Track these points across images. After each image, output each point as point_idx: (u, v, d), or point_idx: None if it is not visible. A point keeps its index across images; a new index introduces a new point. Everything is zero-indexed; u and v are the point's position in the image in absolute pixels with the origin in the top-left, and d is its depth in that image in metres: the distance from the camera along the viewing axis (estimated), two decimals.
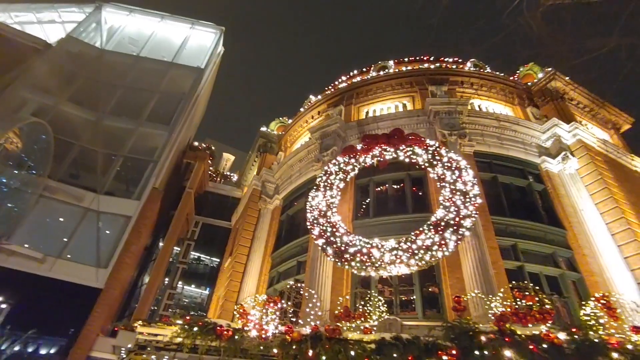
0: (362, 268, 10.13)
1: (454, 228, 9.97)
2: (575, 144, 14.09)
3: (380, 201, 13.73)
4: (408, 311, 10.90)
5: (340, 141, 15.52)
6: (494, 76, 17.36)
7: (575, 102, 16.96)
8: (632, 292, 10.17)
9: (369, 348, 5.65)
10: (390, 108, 17.17)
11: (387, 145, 13.13)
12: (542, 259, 11.59)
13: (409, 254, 9.78)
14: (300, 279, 13.29)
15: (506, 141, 14.36)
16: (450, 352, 5.49)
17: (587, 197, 12.72)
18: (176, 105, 20.02)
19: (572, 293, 10.85)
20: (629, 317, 7.38)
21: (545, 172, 13.78)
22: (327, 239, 11.35)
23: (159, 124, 19.08)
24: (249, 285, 14.94)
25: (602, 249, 11.36)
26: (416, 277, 10.92)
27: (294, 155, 17.84)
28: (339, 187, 12.98)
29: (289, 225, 16.44)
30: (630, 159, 15.64)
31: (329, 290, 11.54)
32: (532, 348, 5.48)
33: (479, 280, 10.00)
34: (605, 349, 5.52)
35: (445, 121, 14.17)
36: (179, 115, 19.46)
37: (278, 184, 18.40)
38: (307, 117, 20.02)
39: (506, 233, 11.78)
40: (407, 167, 13.30)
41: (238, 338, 5.95)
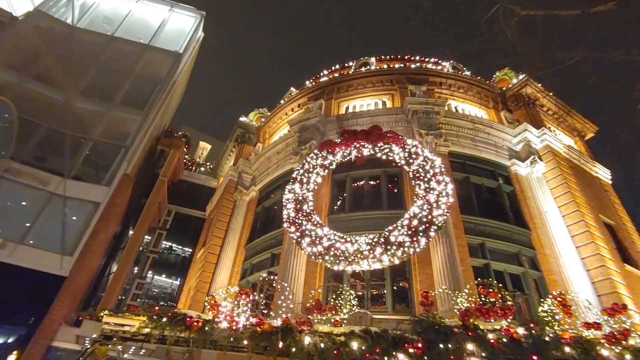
0: (335, 262, 10.27)
1: (426, 225, 10.24)
2: (543, 148, 14.74)
3: (356, 197, 13.90)
4: (378, 305, 11.16)
5: (319, 135, 15.54)
6: (471, 79, 17.82)
7: (546, 108, 17.69)
8: (586, 291, 10.84)
9: (339, 340, 5.77)
10: (370, 105, 17.31)
11: (366, 142, 13.27)
12: (507, 257, 12.11)
13: (382, 249, 9.99)
14: (274, 271, 13.31)
15: (479, 143, 14.83)
16: (417, 345, 5.69)
17: (551, 200, 13.37)
18: (151, 90, 19.35)
19: (532, 290, 11.41)
20: (582, 314, 7.87)
21: (514, 174, 14.35)
22: (302, 232, 11.40)
23: (132, 108, 18.39)
24: (222, 277, 14.81)
25: (562, 250, 12.00)
26: (388, 272, 11.17)
27: (272, 147, 17.71)
28: (316, 181, 13.03)
29: (264, 217, 16.37)
30: (592, 165, 16.53)
31: (302, 283, 11.64)
32: (493, 342, 5.77)
33: (447, 276, 10.35)
34: (559, 343, 5.89)
35: (422, 120, 14.45)
36: (154, 100, 18.84)
37: (255, 176, 18.24)
38: (287, 109, 19.89)
39: (475, 232, 12.21)
40: (384, 164, 13.49)
41: (208, 329, 5.92)
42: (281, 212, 12.53)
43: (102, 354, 6.17)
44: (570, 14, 4.43)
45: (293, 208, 12.26)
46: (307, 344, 5.67)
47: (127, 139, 17.37)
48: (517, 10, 4.64)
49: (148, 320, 6.32)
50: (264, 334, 5.79)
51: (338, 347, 5.68)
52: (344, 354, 5.64)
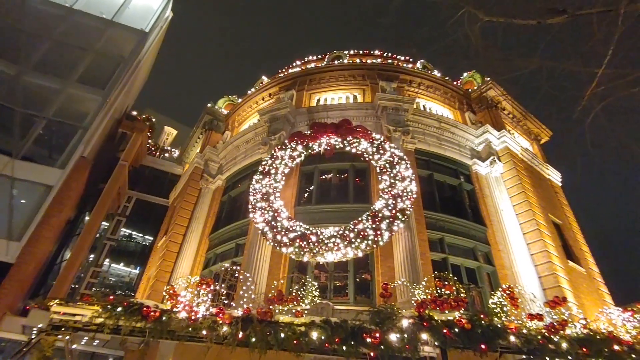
0: (300, 253, 10.34)
1: (390, 220, 10.53)
2: (503, 150, 15.50)
3: (323, 189, 13.98)
4: (341, 296, 11.37)
5: (289, 126, 15.44)
6: (439, 79, 18.33)
7: (507, 111, 18.57)
8: (533, 285, 11.63)
9: (299, 330, 5.83)
10: (341, 98, 17.39)
11: (335, 135, 13.37)
12: (464, 252, 12.70)
13: (347, 242, 10.17)
14: (238, 261, 13.19)
15: (444, 142, 15.34)
16: (374, 335, 5.87)
17: (507, 199, 14.13)
18: (113, 69, 18.31)
19: (486, 284, 12.07)
20: (527, 306, 8.46)
21: (475, 173, 15.00)
22: (268, 223, 11.36)
23: (91, 87, 17.31)
24: (183, 266, 14.47)
25: (514, 246, 12.75)
26: (351, 265, 11.39)
27: (240, 136, 17.39)
28: (284, 173, 13.01)
29: (230, 206, 16.11)
30: (545, 167, 17.61)
31: (266, 274, 11.62)
32: (445, 332, 6.07)
33: (407, 269, 10.72)
34: (505, 333, 6.30)
35: (391, 117, 14.73)
36: (116, 80, 17.85)
37: (222, 164, 17.87)
38: (257, 98, 19.55)
39: (436, 227, 12.69)
40: (352, 158, 13.66)
41: (166, 319, 5.78)
42: (248, 202, 12.41)
43: (49, 345, 5.86)
44: (528, 23, 4.69)
45: (260, 198, 12.17)
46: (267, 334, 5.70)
47: (85, 119, 16.39)
48: (480, 16, 4.84)
49: (101, 309, 6.07)
50: (224, 324, 5.75)
51: (298, 337, 5.75)
52: (303, 343, 5.73)
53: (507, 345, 6.32)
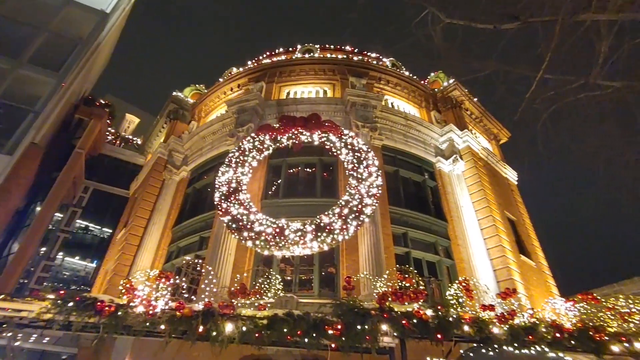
0: (266, 247, 10.26)
1: (356, 214, 10.68)
2: (465, 149, 16.15)
3: (291, 183, 13.96)
4: (306, 290, 11.46)
5: (257, 118, 15.22)
6: (407, 78, 18.74)
7: (470, 112, 19.33)
8: (488, 277, 12.28)
9: (261, 324, 5.82)
10: (311, 92, 17.35)
11: (304, 129, 13.32)
12: (426, 246, 13.17)
13: (313, 235, 10.22)
14: (202, 255, 12.92)
15: (410, 139, 15.75)
16: (336, 327, 5.96)
17: (467, 196, 14.76)
18: (70, 51, 17.16)
19: (445, 277, 12.60)
20: (481, 298, 8.93)
21: (438, 171, 15.54)
22: (234, 216, 11.17)
23: (45, 68, 16.16)
24: (144, 260, 13.97)
25: (472, 241, 13.38)
26: (316, 258, 11.50)
27: (207, 127, 16.95)
28: (251, 165, 12.80)
29: (195, 199, 15.71)
30: (503, 167, 18.55)
31: (231, 267, 11.48)
32: (404, 323, 6.28)
33: (371, 263, 10.97)
34: (460, 323, 6.61)
35: (360, 113, 14.90)
36: (72, 62, 16.74)
37: (187, 155, 17.34)
38: (225, 88, 19.09)
39: (400, 222, 13.05)
40: (320, 152, 13.71)
41: (122, 314, 5.56)
42: (213, 195, 12.14)
43: None
44: (485, 27, 4.91)
45: (226, 191, 11.93)
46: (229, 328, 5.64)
47: (37, 103, 15.27)
48: (442, 17, 5.00)
49: (51, 305, 5.74)
50: (184, 318, 5.62)
51: (260, 330, 5.73)
52: (265, 336, 5.72)
53: (461, 335, 6.64)
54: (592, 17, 4.33)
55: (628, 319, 7.76)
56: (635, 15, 4.18)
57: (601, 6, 4.26)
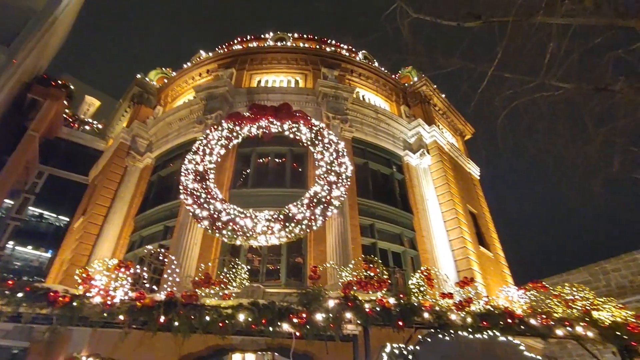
0: (233, 237, 10.14)
1: (325, 205, 10.77)
2: (432, 144, 16.62)
3: (260, 173, 13.83)
4: (273, 279, 11.48)
5: (227, 106, 14.88)
6: (379, 71, 18.94)
7: (437, 107, 19.88)
8: (449, 267, 12.83)
9: (226, 313, 5.78)
10: (283, 82, 17.15)
11: (274, 118, 13.17)
12: (392, 237, 13.53)
13: (281, 226, 10.21)
14: (166, 244, 12.59)
15: (380, 132, 16.00)
16: (301, 316, 6.04)
17: (432, 189, 15.26)
18: (22, 24, 15.91)
19: (409, 267, 13.02)
20: (441, 287, 9.33)
21: (406, 164, 15.92)
22: (200, 205, 10.92)
23: None
24: (104, 249, 13.41)
25: (436, 232, 13.89)
26: (284, 248, 11.52)
27: (174, 113, 16.36)
28: (220, 154, 12.52)
29: (159, 187, 15.19)
30: (467, 162, 19.30)
31: (196, 257, 11.27)
32: (368, 311, 6.46)
33: (339, 253, 11.14)
34: (420, 310, 6.90)
35: (331, 104, 14.92)
36: (25, 36, 15.53)
37: (152, 141, 16.69)
38: (194, 73, 18.47)
39: (368, 213, 13.30)
40: (291, 142, 13.61)
41: (77, 305, 5.32)
42: (179, 183, 11.78)
43: None
44: (449, 24, 5.07)
45: (192, 179, 11.61)
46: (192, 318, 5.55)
47: None
48: (410, 12, 5.10)
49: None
50: (144, 308, 5.47)
51: (224, 320, 5.70)
52: (229, 326, 5.69)
53: (421, 322, 6.93)
54: (544, 20, 4.58)
55: (572, 305, 8.39)
56: (583, 20, 4.46)
57: (551, 10, 4.51)
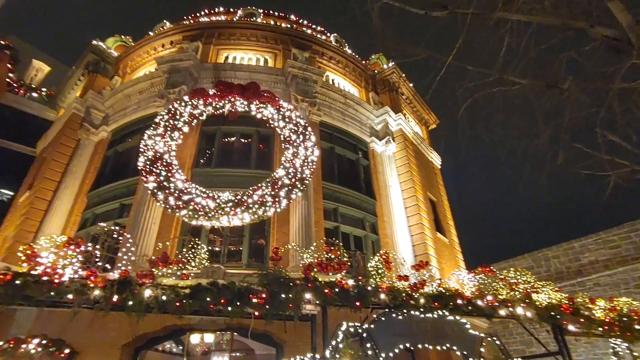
0: (194, 217, 9.89)
1: (289, 188, 10.75)
2: (397, 132, 16.98)
3: (224, 152, 13.51)
4: (235, 261, 11.42)
5: (191, 81, 14.26)
6: (350, 56, 18.87)
7: (405, 96, 20.23)
8: (407, 252, 13.37)
9: (183, 293, 5.70)
10: (251, 60, 16.66)
11: (241, 97, 12.81)
12: (355, 222, 13.82)
13: (244, 207, 10.09)
14: (123, 223, 12.09)
15: (348, 118, 16.08)
16: (260, 296, 6.09)
17: (395, 176, 15.67)
18: None
19: (370, 250, 13.42)
20: (399, 269, 9.75)
21: (371, 150, 16.18)
22: (160, 183, 10.52)
23: None
24: (53, 226, 12.63)
25: (396, 218, 14.35)
26: (247, 230, 11.45)
27: (133, 85, 15.46)
28: (182, 131, 12.04)
29: (116, 162, 14.44)
30: (430, 151, 19.94)
31: (154, 237, 10.93)
32: (327, 292, 6.63)
33: (301, 236, 11.24)
34: (377, 292, 7.19)
35: (300, 86, 14.73)
36: None
37: (108, 114, 15.72)
38: (157, 44, 17.45)
39: (332, 198, 13.46)
40: (257, 123, 13.35)
41: (20, 283, 5.01)
42: (137, 159, 11.26)
43: None
44: (417, 12, 5.14)
45: (152, 156, 11.12)
46: (147, 297, 5.42)
47: None
48: None
49: None
50: (96, 287, 5.26)
51: (181, 299, 5.61)
52: (187, 305, 5.63)
53: (377, 302, 7.23)
54: (504, 16, 4.77)
55: (515, 288, 9.09)
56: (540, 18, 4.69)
57: (510, 7, 4.70)
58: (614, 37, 4.13)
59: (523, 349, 16.75)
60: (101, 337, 8.52)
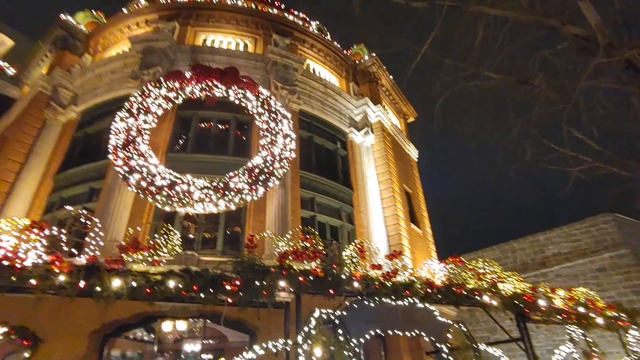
0: (167, 203, 9.65)
1: (267, 176, 10.64)
2: (376, 123, 17.11)
3: (201, 138, 13.22)
4: (210, 248, 11.29)
5: (167, 63, 13.78)
6: (332, 45, 18.74)
7: (385, 88, 20.35)
8: (382, 242, 13.64)
9: (154, 279, 5.59)
10: (231, 44, 16.25)
11: (219, 82, 12.49)
12: (331, 211, 13.92)
13: (220, 194, 9.94)
14: (92, 207, 11.66)
15: (328, 107, 16.04)
16: (234, 283, 6.06)
17: (373, 168, 15.85)
18: None
19: (345, 240, 13.58)
20: (373, 259, 9.94)
21: (350, 141, 16.26)
22: (132, 167, 10.18)
23: None
24: (16, 209, 12.03)
25: (372, 208, 14.57)
26: (222, 217, 11.32)
27: (105, 64, 14.79)
28: (156, 114, 11.66)
29: (85, 145, 13.85)
30: (407, 144, 20.24)
31: (126, 222, 10.63)
32: (301, 279, 6.68)
33: (278, 224, 11.23)
34: (351, 280, 7.30)
35: (280, 74, 14.53)
36: None
37: (77, 94, 14.99)
38: (131, 22, 16.69)
39: (309, 187, 13.47)
40: (236, 109, 13.10)
41: None
42: (108, 142, 10.83)
43: None
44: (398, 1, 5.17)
45: (124, 139, 10.70)
46: (116, 284, 5.28)
47: None
48: None
49: None
50: (62, 272, 5.07)
51: (152, 286, 5.51)
52: (158, 292, 5.53)
53: (351, 290, 7.35)
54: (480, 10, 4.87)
55: (482, 278, 9.47)
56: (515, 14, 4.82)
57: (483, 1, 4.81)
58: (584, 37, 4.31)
59: (488, 336, 17.55)
60: (67, 324, 8.26)
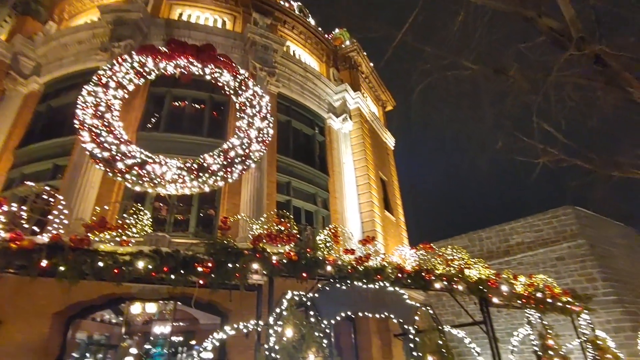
0: (138, 182, 9.31)
1: (242, 159, 10.44)
2: (355, 110, 17.12)
3: (174, 117, 12.79)
4: (182, 230, 11.10)
5: (139, 36, 13.11)
6: (313, 28, 18.42)
7: (365, 75, 20.31)
8: (356, 228, 13.86)
9: (122, 260, 5.43)
10: (209, 20, 15.64)
11: (195, 59, 12.00)
12: (307, 196, 13.95)
13: (193, 175, 9.69)
14: (56, 185, 11.11)
15: (307, 92, 15.86)
16: (206, 265, 5.98)
17: (350, 154, 15.93)
18: None
19: (320, 225, 13.68)
20: (346, 244, 10.08)
21: (328, 127, 16.22)
22: (100, 144, 9.69)
23: None
24: None
25: (348, 195, 14.71)
26: (195, 199, 11.11)
27: (72, 33, 13.92)
28: (127, 89, 11.09)
29: (49, 119, 13.10)
30: (384, 132, 20.42)
31: (93, 201, 10.22)
32: (274, 262, 6.69)
33: (253, 208, 11.14)
34: (324, 264, 7.39)
35: (259, 54, 14.17)
36: None
37: (41, 64, 14.06)
38: None
39: (286, 171, 13.40)
40: (212, 88, 12.71)
41: None
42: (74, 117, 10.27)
43: None
44: None
45: (92, 114, 10.15)
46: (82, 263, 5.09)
47: None
48: None
49: None
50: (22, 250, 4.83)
51: (120, 266, 5.35)
52: (126, 273, 5.38)
53: (323, 274, 7.44)
54: None
55: (450, 264, 9.82)
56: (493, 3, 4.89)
57: None
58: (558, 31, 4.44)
59: (453, 320, 18.36)
60: (29, 305, 7.96)
